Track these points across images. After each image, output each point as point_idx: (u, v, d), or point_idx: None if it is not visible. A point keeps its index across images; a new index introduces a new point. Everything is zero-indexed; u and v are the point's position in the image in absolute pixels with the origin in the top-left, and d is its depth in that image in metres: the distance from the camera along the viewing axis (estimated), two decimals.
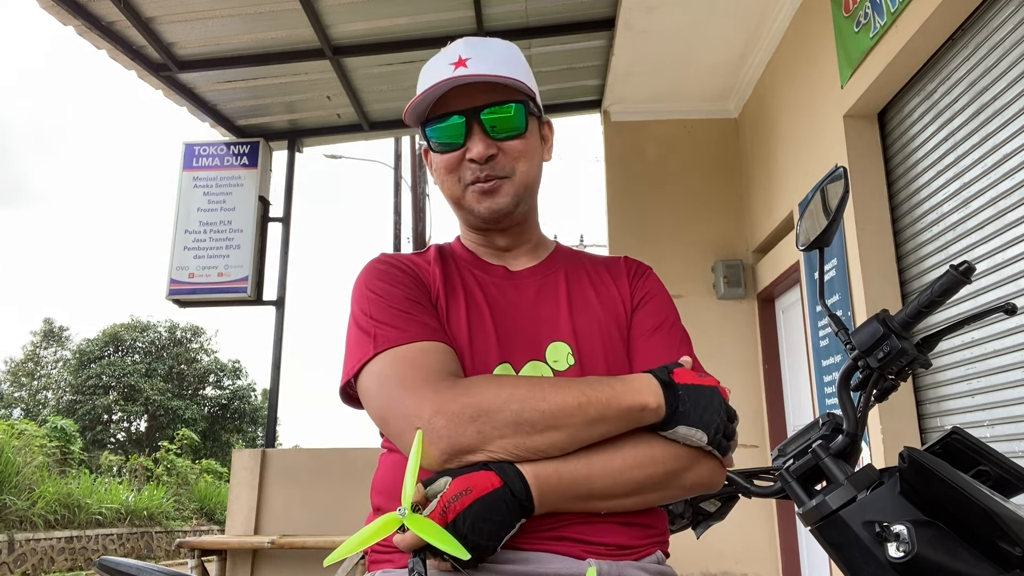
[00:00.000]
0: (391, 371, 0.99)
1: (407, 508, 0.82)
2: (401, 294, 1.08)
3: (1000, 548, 0.84)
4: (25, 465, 10.33)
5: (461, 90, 1.11)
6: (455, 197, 1.17)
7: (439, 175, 1.17)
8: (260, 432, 22.91)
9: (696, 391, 0.97)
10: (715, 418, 0.96)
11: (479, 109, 1.11)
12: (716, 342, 5.07)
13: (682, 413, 0.96)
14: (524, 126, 1.14)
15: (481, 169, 1.11)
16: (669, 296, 1.23)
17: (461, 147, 1.12)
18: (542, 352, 1.10)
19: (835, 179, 1.13)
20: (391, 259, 1.18)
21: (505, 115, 1.11)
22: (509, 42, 1.19)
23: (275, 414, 5.42)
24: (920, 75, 3.21)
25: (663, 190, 5.44)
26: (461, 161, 1.13)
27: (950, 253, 3.03)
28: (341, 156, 13.60)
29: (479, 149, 1.10)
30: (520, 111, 1.13)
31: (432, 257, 1.20)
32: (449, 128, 1.12)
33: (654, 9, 4.41)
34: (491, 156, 1.11)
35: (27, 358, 23.37)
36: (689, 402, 0.96)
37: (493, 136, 1.11)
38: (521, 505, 0.90)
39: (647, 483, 0.98)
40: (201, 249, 5.41)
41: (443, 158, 1.14)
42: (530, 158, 1.15)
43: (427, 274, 1.15)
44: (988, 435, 2.73)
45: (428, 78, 1.13)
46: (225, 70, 4.97)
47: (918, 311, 1.04)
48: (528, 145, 1.15)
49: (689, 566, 4.76)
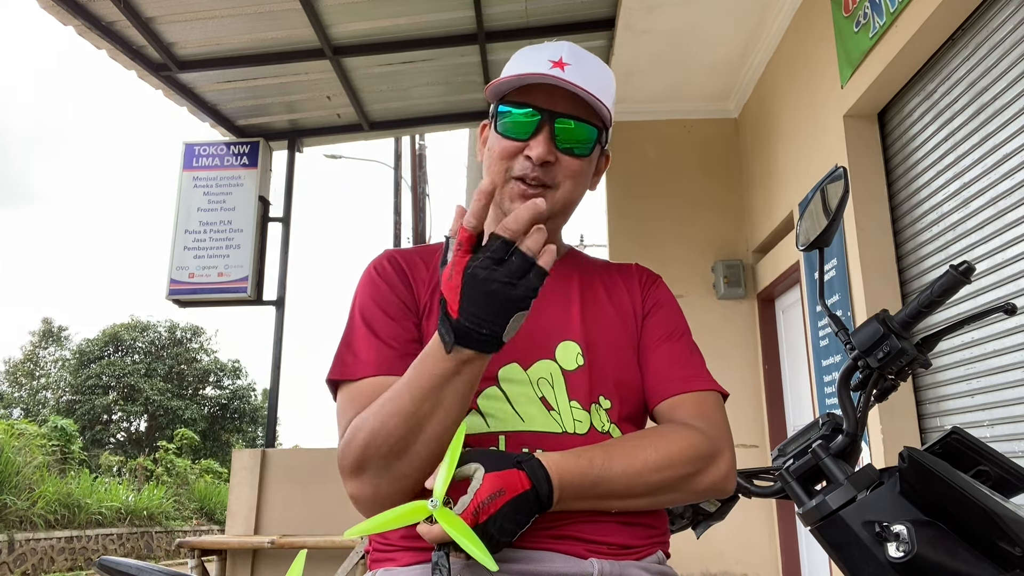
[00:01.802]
0: (340, 400, 1.06)
1: (439, 501, 0.82)
2: (379, 313, 1.09)
3: (1000, 548, 0.84)
4: (25, 465, 10.33)
5: (548, 89, 1.10)
6: (495, 183, 1.13)
7: (489, 157, 1.15)
8: (260, 432, 22.89)
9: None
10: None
11: (557, 115, 1.09)
12: (716, 342, 5.07)
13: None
14: (590, 150, 1.13)
15: (533, 169, 1.09)
16: (679, 306, 1.23)
17: (524, 141, 1.10)
18: (552, 351, 1.09)
19: (835, 179, 1.14)
20: (390, 260, 1.17)
21: (578, 131, 1.10)
22: (609, 68, 1.18)
23: (275, 414, 5.42)
24: (920, 75, 3.21)
25: (663, 190, 5.44)
26: (517, 154, 1.11)
27: (950, 253, 3.03)
28: (341, 156, 13.61)
29: (540, 151, 1.08)
30: (593, 134, 1.12)
31: (438, 256, 1.19)
32: (522, 117, 1.10)
33: (654, 9, 4.41)
34: (547, 162, 1.09)
35: (26, 358, 23.36)
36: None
37: (558, 145, 1.10)
38: (541, 504, 0.91)
39: (663, 486, 1.00)
40: (201, 249, 5.40)
41: (502, 143, 1.12)
42: (580, 181, 1.14)
43: (422, 275, 1.15)
44: (988, 435, 2.73)
45: (525, 64, 1.11)
46: (225, 70, 4.97)
47: (918, 311, 1.04)
48: (584, 169, 1.14)
49: (689, 566, 4.76)
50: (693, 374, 1.13)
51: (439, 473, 0.84)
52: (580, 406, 1.06)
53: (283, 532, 4.39)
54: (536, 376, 1.07)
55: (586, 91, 1.07)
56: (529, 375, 1.07)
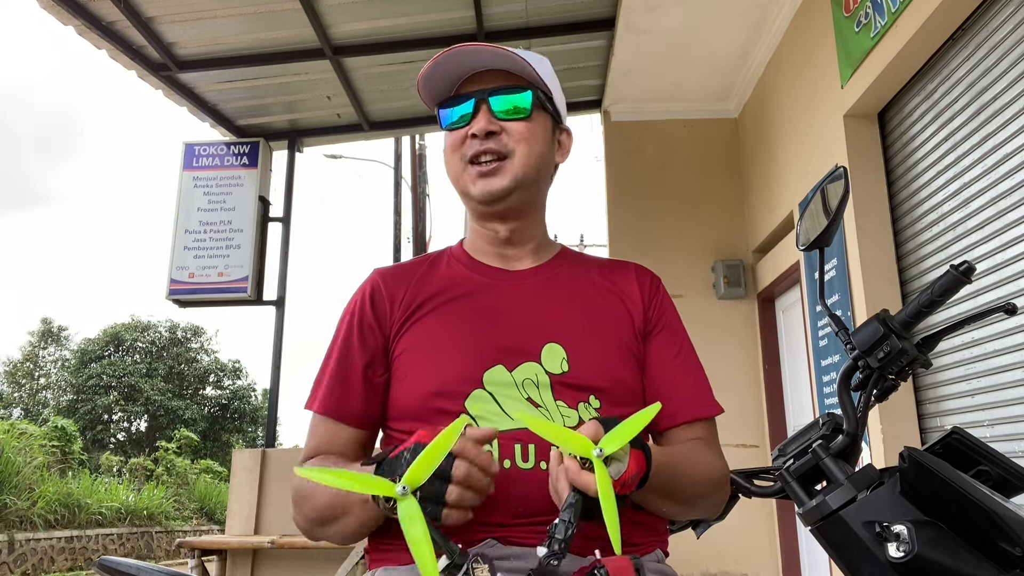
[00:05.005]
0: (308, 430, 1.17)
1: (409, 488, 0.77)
2: (343, 353, 1.16)
3: (1000, 548, 0.84)
4: (25, 465, 10.33)
5: (478, 77, 1.16)
6: (456, 176, 1.18)
7: (445, 156, 1.20)
8: (260, 432, 22.88)
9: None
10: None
11: (490, 91, 1.15)
12: (716, 342, 5.07)
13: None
14: (528, 110, 1.16)
15: (482, 143, 1.13)
16: (678, 312, 1.24)
17: (466, 125, 1.15)
18: (537, 354, 1.09)
19: (835, 179, 1.13)
20: (369, 286, 1.21)
21: (512, 97, 1.15)
22: (540, 55, 1.23)
23: (275, 414, 5.42)
24: (920, 75, 3.21)
25: (663, 190, 5.43)
26: (465, 139, 1.16)
27: (950, 253, 3.03)
28: (341, 156, 13.61)
29: (480, 124, 1.13)
30: (527, 97, 1.15)
31: (423, 267, 1.22)
32: (459, 107, 1.16)
33: (654, 9, 4.41)
34: (492, 132, 1.13)
35: (25, 358, 23.36)
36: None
37: (497, 115, 1.15)
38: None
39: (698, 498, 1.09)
40: (201, 249, 5.40)
41: (450, 136, 1.18)
42: (532, 143, 1.16)
43: (400, 294, 1.17)
44: (988, 435, 2.73)
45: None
46: (225, 70, 4.97)
47: (918, 311, 1.04)
48: (532, 131, 1.16)
49: (689, 566, 4.76)
50: (705, 397, 1.17)
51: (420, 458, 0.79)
52: (566, 405, 1.07)
53: (283, 532, 4.39)
54: (521, 378, 1.07)
55: (504, 50, 1.13)
56: (514, 377, 1.07)
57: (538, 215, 1.24)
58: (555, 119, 1.22)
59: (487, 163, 1.14)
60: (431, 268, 1.22)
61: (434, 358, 1.10)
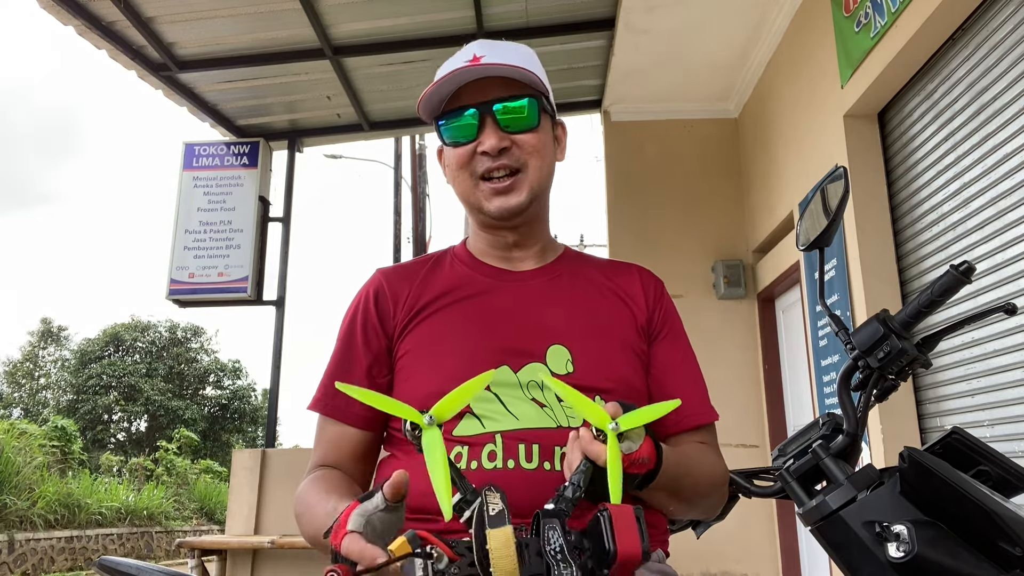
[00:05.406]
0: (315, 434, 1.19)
1: (434, 417, 0.80)
2: (346, 355, 1.17)
3: (1000, 548, 0.84)
4: (25, 465, 10.33)
5: (475, 85, 1.11)
6: (466, 193, 1.15)
7: (451, 171, 1.16)
8: (260, 432, 22.88)
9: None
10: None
11: (492, 102, 1.10)
12: (716, 342, 5.07)
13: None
14: (537, 120, 1.13)
15: (494, 161, 1.10)
16: (679, 315, 1.25)
17: (473, 140, 1.11)
18: (542, 355, 1.09)
19: (835, 179, 1.13)
20: (372, 286, 1.20)
21: (518, 108, 1.11)
22: (526, 46, 1.20)
23: (275, 414, 5.42)
24: (920, 75, 3.21)
25: (663, 190, 5.43)
26: (473, 155, 1.12)
27: (950, 253, 3.03)
28: (341, 156, 13.60)
29: (492, 142, 1.09)
30: (533, 105, 1.12)
31: (426, 267, 1.22)
32: (462, 121, 1.11)
33: (654, 9, 4.41)
34: (504, 149, 1.10)
35: (25, 358, 23.35)
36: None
37: (506, 130, 1.11)
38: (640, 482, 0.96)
39: (701, 498, 1.09)
40: (201, 249, 5.40)
41: (455, 153, 1.14)
42: (543, 154, 1.15)
43: (403, 295, 1.17)
44: (988, 435, 2.73)
45: (442, 74, 1.13)
46: (225, 70, 4.97)
47: (918, 311, 1.04)
48: (541, 140, 1.14)
49: (689, 566, 4.76)
50: (706, 403, 1.18)
51: (450, 395, 0.81)
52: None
53: (283, 532, 4.38)
54: (526, 379, 1.07)
55: (506, 66, 1.09)
56: (519, 378, 1.07)
57: (544, 217, 1.24)
58: (552, 116, 1.22)
59: (500, 179, 1.12)
60: (434, 268, 1.21)
61: (438, 359, 1.10)
